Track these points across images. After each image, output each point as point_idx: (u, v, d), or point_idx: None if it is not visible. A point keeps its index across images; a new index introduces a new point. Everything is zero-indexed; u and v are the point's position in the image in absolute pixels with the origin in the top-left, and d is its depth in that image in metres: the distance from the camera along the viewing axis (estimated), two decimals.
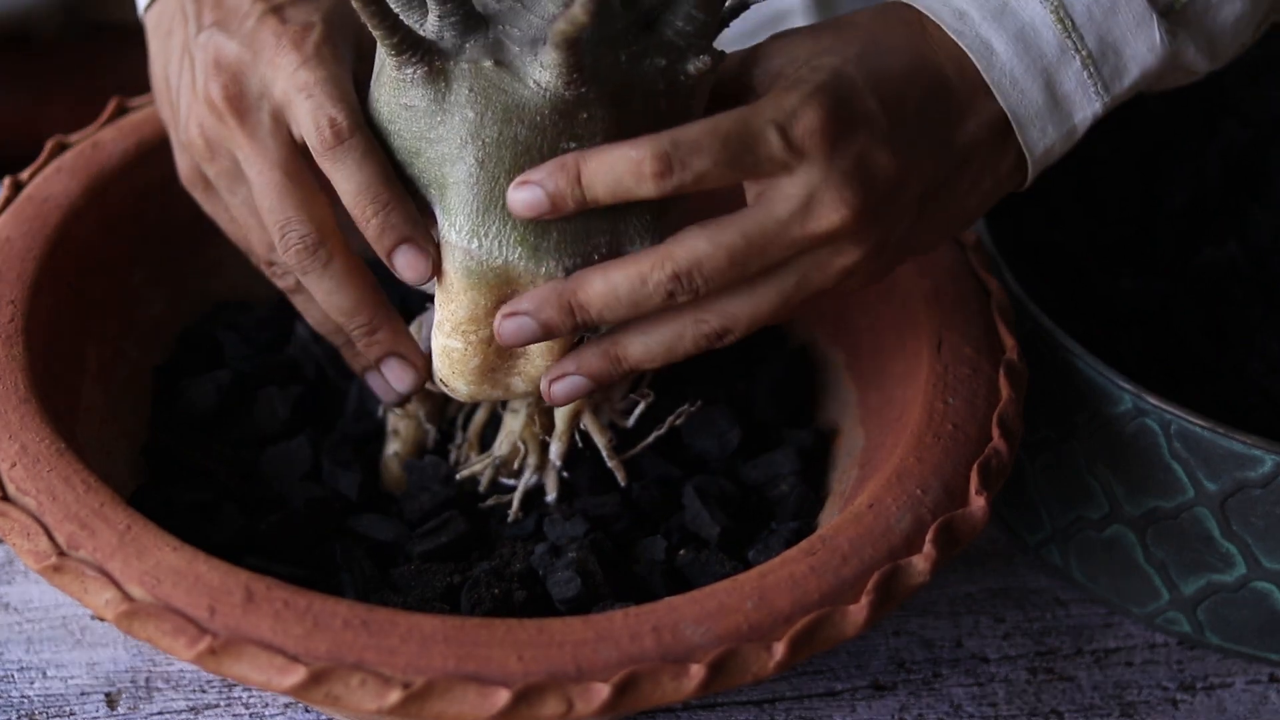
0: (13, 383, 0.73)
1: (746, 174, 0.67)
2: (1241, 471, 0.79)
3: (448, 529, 0.77)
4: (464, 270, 0.70)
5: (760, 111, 0.67)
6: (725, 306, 0.69)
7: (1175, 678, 0.84)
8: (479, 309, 0.71)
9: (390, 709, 0.64)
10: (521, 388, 0.74)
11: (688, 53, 0.68)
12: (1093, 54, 0.72)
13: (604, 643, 0.65)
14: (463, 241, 0.69)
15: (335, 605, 0.66)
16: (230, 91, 0.73)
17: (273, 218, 0.74)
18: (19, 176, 0.82)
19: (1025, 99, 0.71)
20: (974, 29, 0.71)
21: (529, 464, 0.79)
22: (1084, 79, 0.72)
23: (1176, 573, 0.83)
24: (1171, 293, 0.96)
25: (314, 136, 0.70)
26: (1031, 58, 0.71)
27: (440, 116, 0.68)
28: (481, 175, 0.68)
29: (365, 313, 0.75)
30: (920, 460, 0.73)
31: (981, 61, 0.71)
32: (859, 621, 0.68)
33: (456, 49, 0.67)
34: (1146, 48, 0.73)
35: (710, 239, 0.67)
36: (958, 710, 0.81)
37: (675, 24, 0.68)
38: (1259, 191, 1.03)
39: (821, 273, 0.69)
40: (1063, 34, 0.71)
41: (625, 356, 0.71)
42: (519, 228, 0.69)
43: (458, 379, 0.73)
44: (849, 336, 0.86)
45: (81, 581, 0.67)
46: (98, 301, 0.82)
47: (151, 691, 0.78)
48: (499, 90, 0.67)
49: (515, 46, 0.67)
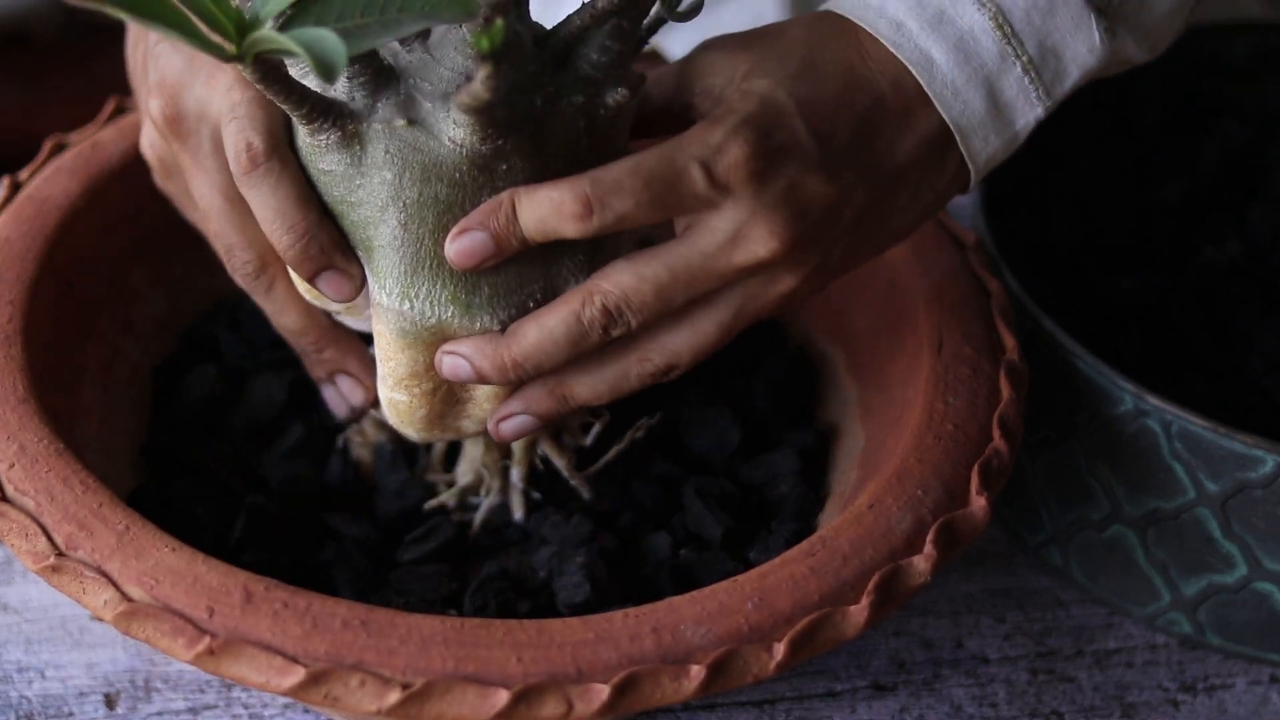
0: (11, 383, 0.73)
1: (671, 211, 0.66)
2: (1242, 472, 0.78)
3: (435, 535, 0.77)
4: (399, 331, 0.69)
5: (684, 148, 0.66)
6: (665, 343, 0.69)
7: (1176, 679, 0.84)
8: (419, 365, 0.70)
9: (389, 710, 0.64)
10: (471, 429, 0.74)
11: (605, 85, 0.67)
12: (1033, 59, 0.70)
13: (604, 644, 0.65)
14: (394, 304, 0.68)
15: (334, 606, 0.66)
16: (169, 112, 0.73)
17: (217, 241, 0.75)
18: (18, 176, 0.82)
19: (967, 109, 0.70)
20: (912, 40, 0.69)
21: (493, 487, 0.79)
22: (1025, 85, 0.71)
23: (1177, 573, 0.83)
24: (1171, 291, 0.96)
25: (232, 162, 0.69)
26: (972, 67, 0.70)
27: (359, 180, 0.67)
28: (406, 237, 0.67)
29: (311, 334, 0.76)
30: (921, 460, 0.73)
31: (922, 74, 0.69)
32: (859, 622, 0.67)
33: (368, 109, 0.66)
34: (1086, 48, 0.71)
35: (635, 272, 0.67)
36: (958, 711, 0.81)
37: (590, 57, 0.67)
38: (1258, 190, 1.03)
39: (757, 301, 0.69)
40: (1002, 40, 0.70)
41: (571, 395, 0.71)
42: (449, 286, 0.68)
43: (407, 427, 0.74)
44: (849, 336, 0.85)
45: (80, 582, 0.67)
46: (97, 301, 0.82)
47: (150, 692, 0.78)
48: (415, 150, 0.65)
49: (427, 102, 0.65)
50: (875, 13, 0.70)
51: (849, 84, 0.69)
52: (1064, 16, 0.70)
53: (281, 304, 0.75)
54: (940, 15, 0.70)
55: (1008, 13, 0.70)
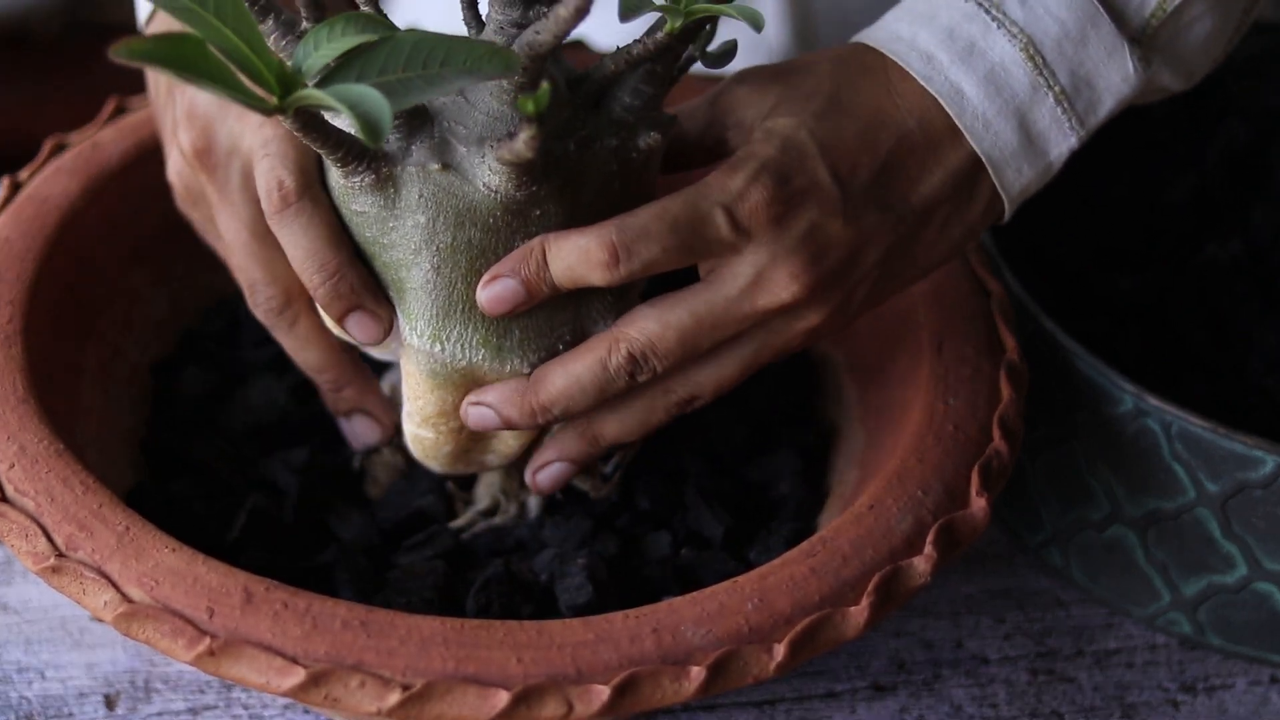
0: (11, 383, 0.73)
1: (696, 257, 0.67)
2: (1243, 472, 0.78)
3: (434, 543, 0.77)
4: (429, 372, 0.69)
5: (707, 194, 0.66)
6: (690, 376, 0.70)
7: (1176, 679, 0.84)
8: (447, 405, 0.71)
9: (390, 711, 0.64)
10: (495, 462, 0.75)
11: (638, 128, 0.67)
12: (1065, 90, 0.70)
13: (604, 644, 0.65)
14: (425, 345, 0.69)
15: (334, 606, 0.66)
16: (199, 145, 0.74)
17: (241, 276, 0.75)
18: (17, 176, 0.82)
19: (999, 141, 0.70)
20: (943, 73, 0.69)
21: (509, 511, 0.79)
22: (1058, 115, 0.70)
23: (1177, 574, 0.83)
24: (1171, 291, 0.96)
25: (264, 199, 0.69)
26: (1004, 99, 0.70)
27: (392, 222, 0.67)
28: (438, 280, 0.67)
29: (331, 371, 0.77)
30: (921, 461, 0.73)
31: (952, 107, 0.69)
32: (859, 623, 0.67)
33: (403, 152, 0.66)
34: (1120, 78, 0.71)
35: (659, 319, 0.67)
36: (958, 711, 0.81)
37: (623, 100, 0.67)
38: (1260, 189, 1.03)
39: (780, 338, 0.69)
40: (1034, 72, 0.70)
41: (602, 436, 0.72)
42: (480, 330, 0.68)
43: (431, 461, 0.74)
44: (849, 336, 0.85)
45: (80, 583, 0.67)
46: (97, 301, 0.82)
47: (150, 693, 0.78)
48: (449, 194, 0.66)
49: (462, 146, 0.65)
50: (907, 45, 0.70)
51: (874, 122, 0.69)
52: (1097, 46, 0.70)
53: (303, 341, 0.76)
54: (971, 47, 0.69)
55: (1039, 44, 0.70)
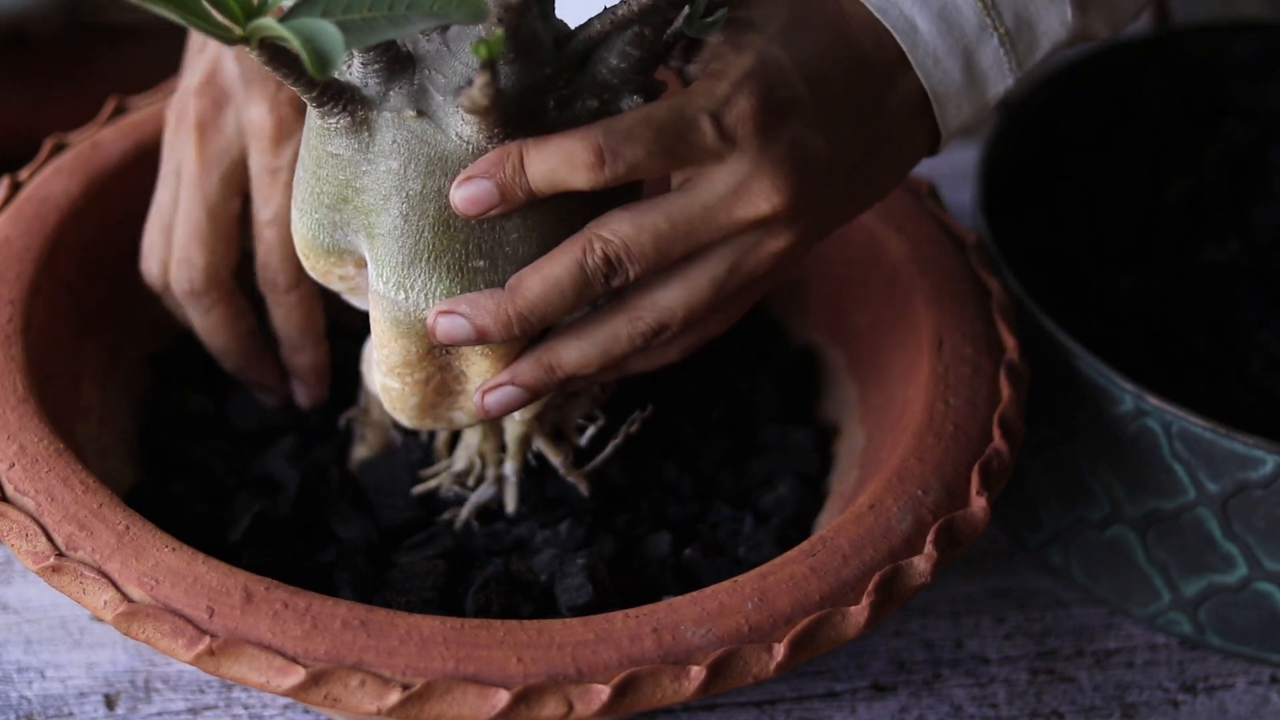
0: (11, 383, 0.73)
1: (680, 163, 0.66)
2: (1243, 472, 0.78)
3: (434, 543, 0.77)
4: (393, 320, 0.69)
5: (692, 99, 0.66)
6: (657, 299, 0.68)
7: (1176, 679, 0.84)
8: (411, 354, 0.70)
9: (390, 710, 0.64)
10: (464, 420, 0.74)
11: (622, 91, 0.67)
12: (1010, 31, 0.72)
13: (604, 644, 0.65)
14: (389, 293, 0.68)
15: (334, 606, 0.66)
16: (204, 118, 0.78)
17: (176, 245, 0.79)
18: (17, 176, 0.82)
19: (947, 78, 0.71)
20: (898, 7, 0.70)
21: (487, 476, 0.79)
22: (1000, 56, 0.72)
23: (1178, 574, 0.83)
24: (1172, 291, 0.96)
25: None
26: (954, 37, 0.71)
27: (365, 166, 0.67)
28: (406, 228, 0.67)
29: (232, 358, 0.82)
30: (921, 461, 0.73)
31: (906, 41, 0.70)
32: (860, 623, 0.67)
33: (380, 96, 0.66)
34: (1059, 22, 0.72)
35: (634, 221, 0.66)
36: (958, 711, 0.81)
37: (610, 62, 0.66)
38: (1260, 190, 1.03)
39: (753, 257, 0.68)
40: (983, 12, 0.71)
41: (559, 364, 0.69)
42: (445, 280, 0.67)
43: (399, 414, 0.74)
44: (849, 336, 0.85)
45: (80, 582, 0.67)
46: (97, 301, 0.82)
47: (150, 692, 0.78)
48: (422, 142, 0.65)
49: (439, 95, 0.65)
50: None
51: (834, 40, 0.69)
52: None
53: (214, 327, 0.81)
54: None
55: None
